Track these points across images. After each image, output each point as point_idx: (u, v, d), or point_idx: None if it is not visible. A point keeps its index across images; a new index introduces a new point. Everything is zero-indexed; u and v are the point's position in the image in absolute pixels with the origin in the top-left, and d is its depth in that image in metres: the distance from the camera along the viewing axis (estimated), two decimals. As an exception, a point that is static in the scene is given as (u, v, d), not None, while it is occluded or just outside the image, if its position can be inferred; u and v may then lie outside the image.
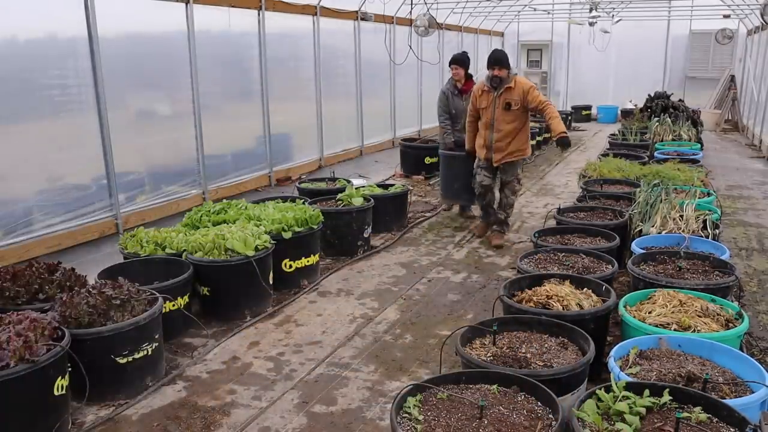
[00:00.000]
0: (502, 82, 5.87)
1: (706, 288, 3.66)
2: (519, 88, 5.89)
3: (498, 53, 5.97)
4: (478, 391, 2.69)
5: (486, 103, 6.02)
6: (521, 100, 5.88)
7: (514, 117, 5.96)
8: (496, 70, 5.85)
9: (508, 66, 5.93)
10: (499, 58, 5.89)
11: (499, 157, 6.08)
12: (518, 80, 5.96)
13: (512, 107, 5.91)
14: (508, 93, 5.92)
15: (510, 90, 5.90)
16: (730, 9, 13.75)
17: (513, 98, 5.89)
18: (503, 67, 5.87)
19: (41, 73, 5.65)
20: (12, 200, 5.37)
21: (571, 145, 5.70)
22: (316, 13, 9.64)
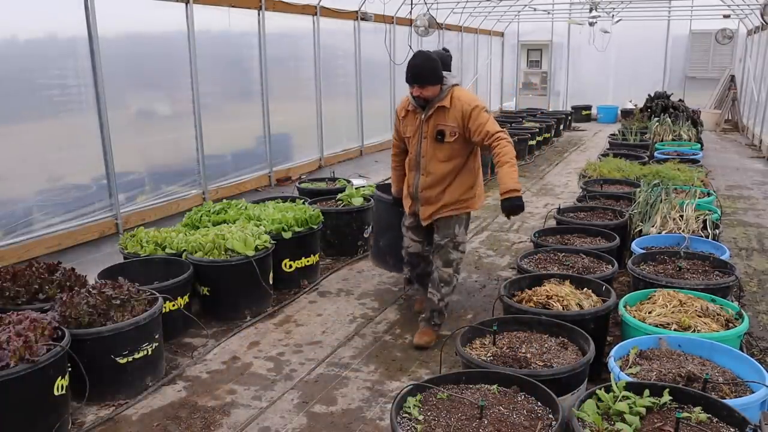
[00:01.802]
0: (431, 100, 3.96)
1: (706, 288, 3.66)
2: (457, 107, 3.87)
3: (418, 62, 3.86)
4: (478, 391, 2.69)
5: (411, 130, 4.08)
6: (459, 127, 3.89)
7: (451, 152, 3.95)
8: (415, 90, 3.89)
9: (438, 78, 3.89)
10: (419, 73, 3.85)
11: (429, 212, 4.09)
12: (457, 95, 3.91)
13: (446, 138, 3.91)
14: (440, 116, 3.92)
15: (443, 111, 3.91)
16: (730, 9, 13.76)
17: (447, 124, 3.89)
18: (427, 83, 3.86)
19: (41, 73, 5.65)
20: (12, 200, 5.37)
21: (523, 209, 3.75)
22: (316, 13, 9.64)
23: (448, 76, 4.00)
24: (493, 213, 7.68)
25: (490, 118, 3.89)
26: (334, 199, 6.22)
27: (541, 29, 18.48)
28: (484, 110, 3.89)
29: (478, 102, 3.92)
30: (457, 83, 4.02)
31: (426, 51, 4.01)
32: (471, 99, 3.94)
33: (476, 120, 3.85)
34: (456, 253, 4.12)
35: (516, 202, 3.70)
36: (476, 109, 3.86)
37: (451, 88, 3.96)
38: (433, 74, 3.87)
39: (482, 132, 3.82)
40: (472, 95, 4.05)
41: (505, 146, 3.78)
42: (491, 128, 3.82)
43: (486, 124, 3.84)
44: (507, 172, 3.72)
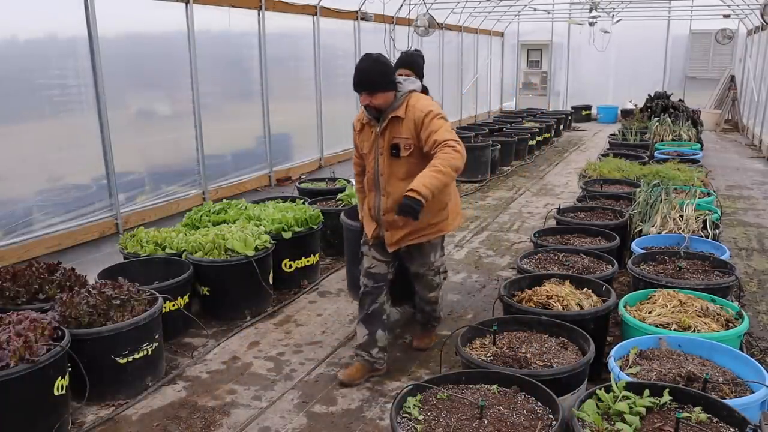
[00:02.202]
0: (384, 110, 3.45)
1: (706, 288, 3.66)
2: (410, 117, 3.39)
3: (364, 65, 3.39)
4: (478, 391, 2.69)
5: (368, 146, 3.59)
6: (414, 138, 3.40)
7: (409, 168, 3.42)
8: (364, 98, 3.40)
9: (390, 84, 3.40)
10: (366, 79, 3.37)
11: (395, 238, 3.58)
12: (412, 103, 3.42)
13: (401, 152, 3.43)
14: (394, 127, 3.44)
15: (398, 122, 3.42)
16: (730, 9, 13.75)
17: (402, 136, 3.41)
18: (377, 90, 3.36)
19: (41, 73, 5.65)
20: (12, 200, 5.37)
21: (416, 217, 3.15)
22: (316, 13, 9.64)
23: (405, 81, 3.52)
24: (493, 213, 7.68)
25: (445, 125, 3.35)
26: (334, 199, 6.22)
27: (541, 29, 18.48)
28: (439, 117, 3.36)
29: (432, 108, 3.39)
30: (414, 89, 3.51)
31: (376, 53, 3.45)
32: (425, 106, 3.40)
33: (427, 128, 3.34)
34: (438, 277, 3.88)
35: (414, 204, 3.10)
36: (429, 116, 3.34)
37: (407, 95, 3.44)
38: (382, 79, 3.36)
39: (430, 140, 3.29)
40: (428, 102, 3.47)
41: (446, 152, 3.19)
42: (441, 136, 3.26)
43: (437, 132, 3.29)
44: (425, 174, 3.15)
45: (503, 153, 10.32)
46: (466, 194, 8.68)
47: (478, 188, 9.06)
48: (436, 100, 3.74)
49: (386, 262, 3.68)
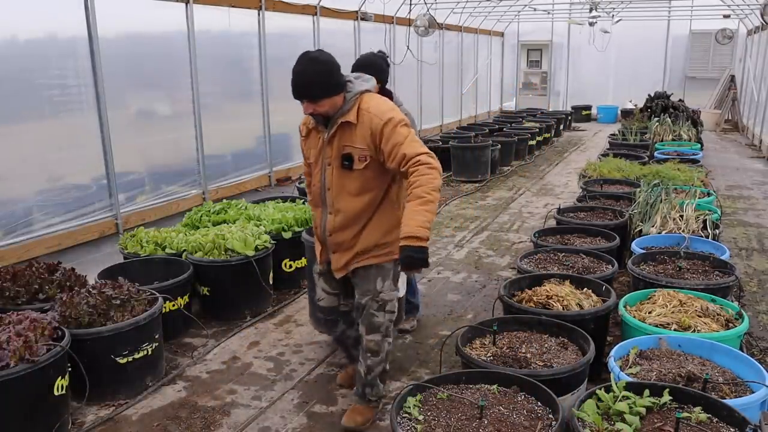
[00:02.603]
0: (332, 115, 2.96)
1: (706, 288, 3.66)
2: (365, 123, 2.89)
3: (300, 68, 2.88)
4: (478, 391, 2.69)
5: (314, 154, 3.12)
6: (370, 149, 2.91)
7: (363, 183, 2.97)
8: (306, 106, 2.92)
9: (333, 87, 2.90)
10: (303, 83, 2.88)
11: (343, 262, 3.11)
12: (365, 107, 2.92)
13: (355, 164, 2.94)
14: (345, 134, 2.95)
15: (349, 129, 2.94)
16: (730, 9, 13.76)
17: (355, 146, 2.92)
18: (319, 96, 2.88)
19: (41, 73, 5.65)
20: (12, 200, 5.37)
21: (427, 264, 2.76)
22: (316, 13, 9.64)
23: (357, 80, 3.02)
24: (493, 213, 7.68)
25: (410, 135, 2.86)
26: (334, 199, 6.21)
27: (541, 29, 18.48)
28: (402, 125, 2.85)
29: (392, 114, 2.87)
30: (368, 89, 2.99)
31: (316, 51, 2.95)
32: (383, 110, 2.88)
33: (390, 140, 2.83)
34: (382, 314, 3.09)
35: (416, 254, 2.69)
36: (389, 125, 2.83)
37: (359, 96, 2.94)
38: (325, 83, 2.86)
39: (397, 156, 2.80)
40: (385, 104, 2.95)
41: (424, 173, 2.75)
42: (410, 150, 2.79)
43: (404, 144, 2.81)
44: (414, 210, 2.72)
45: (503, 153, 10.32)
46: (466, 194, 8.68)
47: (478, 188, 9.07)
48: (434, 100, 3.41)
49: (336, 294, 3.21)
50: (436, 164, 2.82)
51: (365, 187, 2.97)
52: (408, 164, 2.80)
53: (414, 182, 2.76)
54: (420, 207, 2.73)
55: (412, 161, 2.79)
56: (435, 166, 2.80)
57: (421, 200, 2.73)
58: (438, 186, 2.79)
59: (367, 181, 2.97)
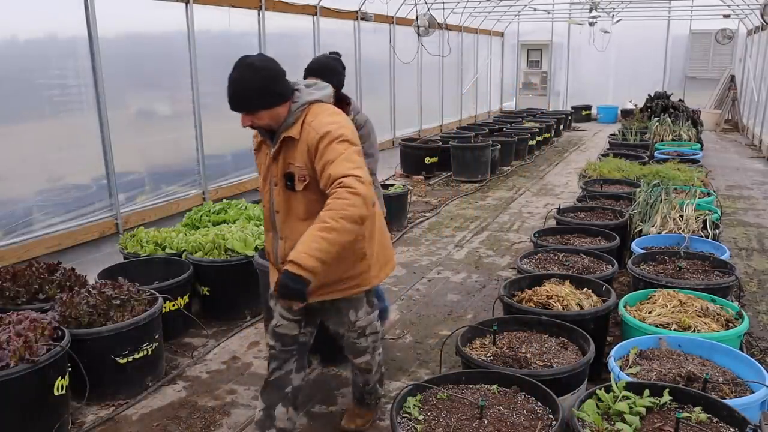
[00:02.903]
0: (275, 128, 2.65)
1: (706, 288, 3.66)
2: (304, 138, 2.56)
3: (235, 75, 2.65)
4: (478, 391, 2.69)
5: (263, 170, 2.81)
6: (308, 168, 2.57)
7: (309, 206, 2.61)
8: (244, 119, 2.64)
9: (274, 97, 2.58)
10: (237, 94, 2.61)
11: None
12: (310, 119, 2.58)
13: (296, 184, 2.61)
14: (289, 150, 2.63)
15: (292, 145, 2.60)
16: (730, 9, 13.75)
17: (295, 163, 2.60)
18: (256, 107, 2.58)
19: (41, 73, 5.65)
20: (12, 200, 5.37)
21: (303, 298, 2.37)
22: (316, 13, 9.64)
23: (307, 88, 2.68)
24: (493, 213, 7.68)
25: (346, 153, 2.45)
26: (334, 199, 6.21)
27: (541, 29, 18.48)
28: (340, 140, 2.47)
29: (331, 128, 2.50)
30: (318, 99, 2.65)
31: (255, 55, 2.68)
32: (322, 124, 2.52)
33: (322, 157, 2.46)
34: (364, 339, 2.95)
35: (292, 283, 2.31)
36: (324, 140, 2.47)
37: (307, 107, 2.60)
38: (261, 93, 2.54)
39: (325, 176, 2.43)
40: (330, 117, 2.59)
41: (341, 197, 2.33)
42: (337, 170, 2.39)
43: (333, 163, 2.42)
44: (309, 235, 2.33)
45: (503, 153, 10.32)
46: (466, 194, 8.68)
47: (478, 188, 9.06)
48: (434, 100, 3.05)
49: (296, 321, 2.80)
50: (364, 190, 2.36)
51: (311, 210, 2.55)
52: (331, 186, 2.39)
53: (327, 205, 2.35)
54: (317, 233, 2.32)
55: (336, 183, 2.37)
56: (359, 192, 2.34)
57: (322, 225, 2.32)
58: (354, 215, 2.32)
59: (311, 204, 2.56)
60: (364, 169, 2.45)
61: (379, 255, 2.84)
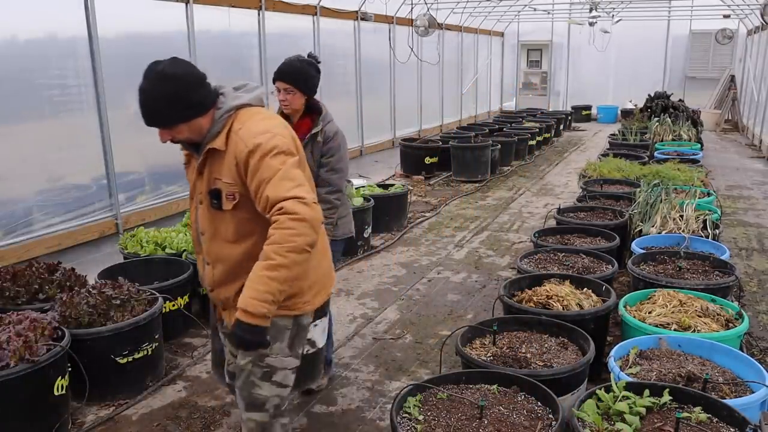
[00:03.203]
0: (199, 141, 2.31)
1: (706, 288, 3.66)
2: (231, 150, 2.22)
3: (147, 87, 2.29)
4: (478, 391, 2.69)
5: (191, 186, 2.46)
6: (238, 184, 2.23)
7: (238, 226, 2.29)
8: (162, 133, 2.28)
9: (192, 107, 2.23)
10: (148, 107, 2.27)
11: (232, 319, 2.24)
12: (237, 128, 2.24)
13: (224, 203, 2.26)
14: (215, 163, 2.28)
15: (218, 157, 2.26)
16: (730, 9, 13.76)
17: (222, 178, 2.26)
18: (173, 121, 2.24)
19: (41, 73, 5.65)
20: (12, 200, 5.37)
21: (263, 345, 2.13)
22: (316, 13, 9.64)
23: (234, 92, 2.32)
24: (493, 213, 7.68)
25: (284, 169, 2.11)
26: (334, 199, 6.21)
27: (541, 29, 18.48)
28: (275, 154, 2.13)
29: (263, 138, 2.15)
30: (246, 102, 2.29)
31: (167, 61, 2.32)
32: (253, 133, 2.17)
33: (255, 174, 2.13)
34: (268, 386, 2.36)
35: (246, 333, 2.07)
36: (255, 153, 2.12)
37: (233, 114, 2.25)
38: (175, 105, 2.20)
39: (261, 198, 2.11)
40: (260, 123, 2.22)
41: (283, 227, 2.04)
42: (275, 192, 2.08)
43: (269, 183, 2.10)
44: (255, 276, 2.06)
45: (503, 153, 10.32)
46: (466, 194, 8.68)
47: (478, 188, 9.06)
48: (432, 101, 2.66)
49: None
50: (309, 213, 2.06)
51: (242, 231, 2.26)
52: (271, 211, 2.08)
53: (270, 236, 2.06)
54: (264, 273, 2.04)
55: (276, 209, 2.06)
56: (303, 217, 2.04)
57: (268, 264, 2.04)
58: (301, 245, 2.04)
59: (242, 224, 2.26)
60: (306, 186, 2.14)
61: (316, 279, 2.42)
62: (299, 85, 3.16)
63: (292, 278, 2.10)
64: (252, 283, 2.07)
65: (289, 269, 2.06)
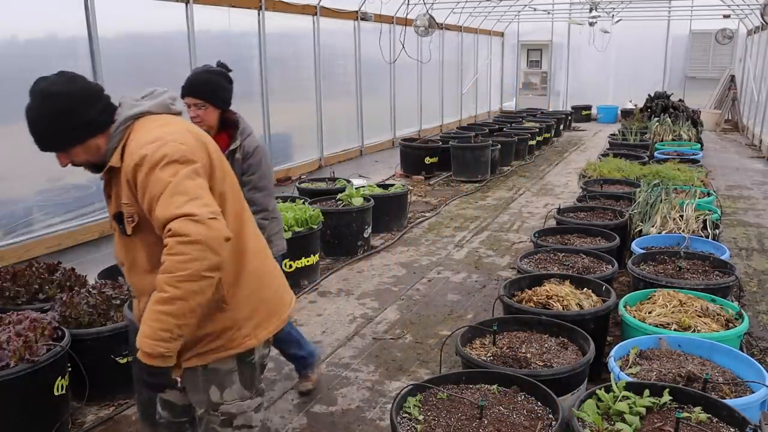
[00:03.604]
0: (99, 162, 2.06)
1: (706, 288, 3.66)
2: (125, 166, 1.93)
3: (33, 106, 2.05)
4: (478, 391, 2.69)
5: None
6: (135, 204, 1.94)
7: (150, 252, 1.99)
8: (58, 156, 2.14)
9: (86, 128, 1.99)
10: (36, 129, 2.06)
11: None
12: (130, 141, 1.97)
13: (126, 227, 1.98)
14: (117, 181, 2.00)
15: (117, 177, 1.99)
16: (730, 9, 13.76)
17: (123, 197, 1.96)
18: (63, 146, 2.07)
19: (41, 73, 5.63)
20: (12, 200, 5.37)
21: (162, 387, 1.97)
22: (316, 13, 9.64)
23: (128, 101, 2.12)
24: (493, 213, 7.68)
25: (176, 180, 1.83)
26: (334, 199, 6.22)
27: (541, 29, 18.48)
28: (164, 164, 1.85)
29: (150, 148, 1.88)
30: (144, 111, 2.07)
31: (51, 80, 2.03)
32: (141, 144, 1.91)
33: (145, 192, 1.86)
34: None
35: (149, 377, 1.87)
36: (142, 167, 1.86)
37: (129, 125, 2.01)
38: (63, 126, 1.98)
39: (155, 221, 1.85)
40: (153, 131, 1.96)
41: (173, 253, 1.77)
42: (163, 211, 1.81)
43: (159, 201, 1.82)
44: (148, 313, 1.83)
45: (503, 153, 10.32)
46: (466, 194, 8.68)
47: (478, 188, 9.06)
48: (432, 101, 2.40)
49: (181, 390, 2.21)
50: (203, 232, 1.77)
51: (154, 258, 1.91)
52: (163, 234, 1.81)
53: (163, 266, 1.79)
54: (157, 308, 1.79)
55: (165, 231, 1.79)
56: (196, 238, 1.76)
57: (160, 297, 1.79)
58: (197, 272, 1.76)
59: (152, 250, 1.94)
60: (202, 199, 1.83)
61: (255, 307, 2.09)
62: (211, 98, 2.94)
63: (192, 310, 1.81)
64: (146, 319, 1.82)
65: (186, 301, 1.78)
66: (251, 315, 2.08)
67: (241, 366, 2.11)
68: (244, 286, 2.06)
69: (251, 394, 2.16)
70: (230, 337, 2.04)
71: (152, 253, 1.95)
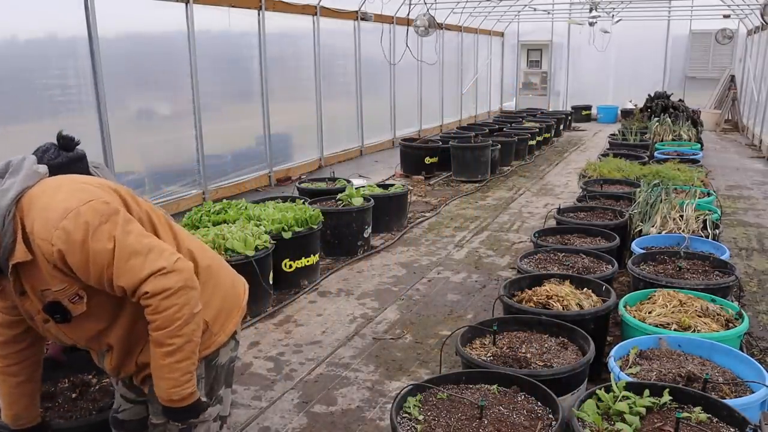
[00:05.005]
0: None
1: (706, 288, 3.66)
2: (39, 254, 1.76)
3: None
4: (478, 391, 2.69)
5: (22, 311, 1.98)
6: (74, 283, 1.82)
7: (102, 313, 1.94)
8: None
9: None
10: None
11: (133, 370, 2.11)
12: (30, 229, 1.74)
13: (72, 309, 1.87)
14: (31, 275, 1.82)
15: (33, 269, 1.80)
16: (730, 9, 13.76)
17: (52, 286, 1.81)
18: None
19: (41, 73, 5.66)
20: (12, 200, 5.38)
21: (196, 411, 1.99)
22: (316, 13, 9.65)
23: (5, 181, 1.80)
24: (493, 213, 7.68)
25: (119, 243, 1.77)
26: (334, 199, 6.22)
27: (541, 29, 18.49)
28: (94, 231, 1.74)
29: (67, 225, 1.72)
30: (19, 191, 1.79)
31: None
32: (51, 225, 1.72)
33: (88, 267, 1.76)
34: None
35: (182, 416, 1.97)
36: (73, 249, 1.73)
37: (14, 212, 1.77)
38: None
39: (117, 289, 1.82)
40: (52, 208, 1.75)
41: (160, 311, 1.81)
42: (129, 280, 1.79)
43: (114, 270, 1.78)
44: (160, 367, 1.88)
45: (503, 153, 10.32)
46: (466, 194, 8.68)
47: (478, 188, 9.07)
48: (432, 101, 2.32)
49: (141, 402, 2.21)
50: (176, 280, 1.81)
51: (111, 311, 1.95)
52: (137, 299, 1.83)
53: (151, 323, 1.84)
54: (167, 361, 1.86)
55: (138, 294, 1.81)
56: (175, 288, 1.81)
57: (166, 351, 1.85)
58: (188, 314, 1.84)
59: (105, 307, 1.92)
60: (154, 249, 1.82)
61: (219, 307, 2.17)
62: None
63: (197, 343, 1.92)
64: (162, 374, 1.88)
65: (190, 340, 1.88)
66: (215, 317, 2.13)
67: (208, 371, 2.12)
68: (204, 292, 2.03)
69: (212, 402, 2.16)
70: (202, 340, 2.01)
71: (104, 311, 1.93)
